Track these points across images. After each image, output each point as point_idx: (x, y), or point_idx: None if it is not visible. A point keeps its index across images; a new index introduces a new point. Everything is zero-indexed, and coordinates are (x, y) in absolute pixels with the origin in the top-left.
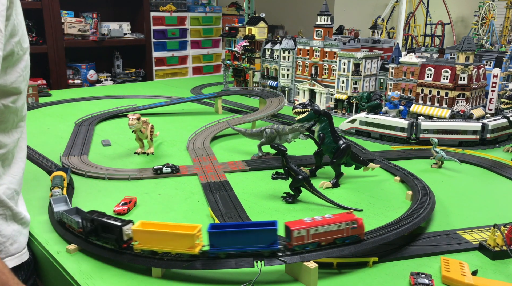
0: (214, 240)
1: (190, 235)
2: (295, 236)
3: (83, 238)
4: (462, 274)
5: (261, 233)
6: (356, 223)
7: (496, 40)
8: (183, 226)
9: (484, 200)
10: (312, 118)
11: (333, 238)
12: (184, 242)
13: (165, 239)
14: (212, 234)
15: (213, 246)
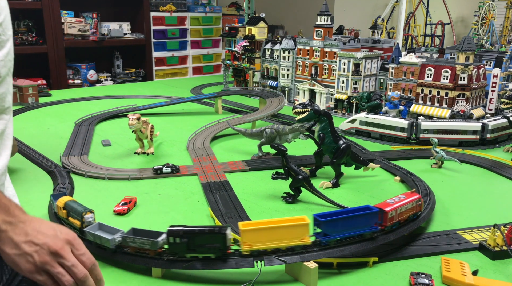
0: (326, 228)
1: (305, 224)
2: (389, 217)
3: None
4: (462, 274)
5: (366, 217)
6: (420, 200)
7: (496, 40)
8: (288, 219)
9: (484, 200)
10: (312, 118)
11: (408, 216)
12: (298, 233)
13: (277, 234)
14: (325, 223)
15: (325, 235)
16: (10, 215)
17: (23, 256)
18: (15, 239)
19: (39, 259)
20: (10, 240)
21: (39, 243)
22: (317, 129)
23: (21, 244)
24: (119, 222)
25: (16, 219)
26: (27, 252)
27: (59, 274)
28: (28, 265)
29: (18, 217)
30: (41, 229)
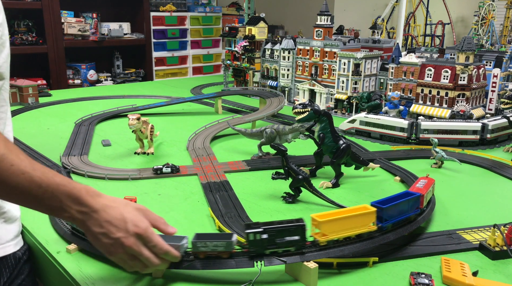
0: (386, 214)
1: (372, 212)
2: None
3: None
4: (463, 275)
5: (413, 201)
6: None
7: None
8: (356, 208)
9: (484, 200)
10: (312, 118)
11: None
12: (366, 221)
13: (348, 223)
14: (386, 210)
15: (385, 220)
16: (82, 205)
17: (101, 244)
18: (92, 229)
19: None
20: (88, 229)
21: (113, 238)
22: (317, 129)
23: (98, 235)
24: None
25: (88, 209)
26: (104, 243)
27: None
28: (105, 251)
29: (90, 207)
30: (113, 221)
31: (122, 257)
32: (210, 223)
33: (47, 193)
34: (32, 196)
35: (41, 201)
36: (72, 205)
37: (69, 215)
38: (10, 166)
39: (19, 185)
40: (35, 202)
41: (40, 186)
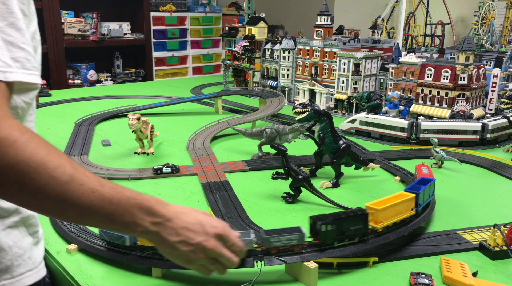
0: (420, 199)
1: (412, 198)
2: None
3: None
4: (463, 275)
5: (432, 186)
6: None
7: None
8: (396, 196)
9: (484, 200)
10: (312, 118)
11: None
12: (408, 206)
13: (396, 209)
14: (420, 194)
15: (419, 204)
16: (155, 216)
17: (180, 255)
18: (169, 239)
19: (195, 257)
20: (164, 240)
21: (192, 244)
22: (317, 129)
23: (175, 244)
24: None
25: (162, 219)
26: (184, 252)
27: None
28: (185, 261)
29: (163, 216)
30: (190, 227)
31: (203, 263)
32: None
33: (119, 209)
34: (104, 214)
35: (114, 218)
36: (145, 217)
37: (143, 229)
38: (79, 185)
39: (91, 204)
40: (107, 220)
41: (112, 202)
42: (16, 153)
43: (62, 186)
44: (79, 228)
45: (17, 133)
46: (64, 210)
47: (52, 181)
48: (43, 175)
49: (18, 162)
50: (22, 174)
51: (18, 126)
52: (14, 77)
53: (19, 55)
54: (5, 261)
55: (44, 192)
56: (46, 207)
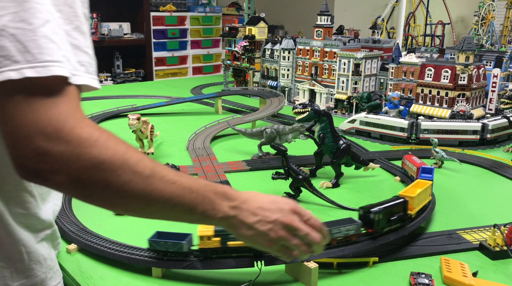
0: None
1: (431, 184)
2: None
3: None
4: (463, 275)
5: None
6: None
7: (496, 40)
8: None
9: (484, 200)
10: (312, 118)
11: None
12: (428, 193)
13: (423, 196)
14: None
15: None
16: (231, 199)
17: (260, 235)
18: (247, 221)
19: (276, 236)
20: (242, 223)
21: (271, 221)
22: (317, 129)
23: (254, 225)
24: (120, 222)
25: (238, 202)
26: (263, 231)
27: (297, 245)
28: (267, 242)
29: (238, 200)
30: (264, 206)
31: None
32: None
33: (199, 197)
34: (186, 203)
35: (195, 206)
36: (223, 202)
37: (223, 214)
38: (161, 178)
39: (174, 194)
40: (189, 210)
41: (192, 191)
42: (99, 152)
43: (146, 179)
44: (79, 228)
45: (97, 133)
46: (149, 204)
47: (136, 176)
48: (127, 171)
49: (103, 161)
50: (108, 172)
51: (95, 125)
52: (82, 80)
53: (83, 59)
54: (40, 274)
55: (129, 188)
56: (131, 204)
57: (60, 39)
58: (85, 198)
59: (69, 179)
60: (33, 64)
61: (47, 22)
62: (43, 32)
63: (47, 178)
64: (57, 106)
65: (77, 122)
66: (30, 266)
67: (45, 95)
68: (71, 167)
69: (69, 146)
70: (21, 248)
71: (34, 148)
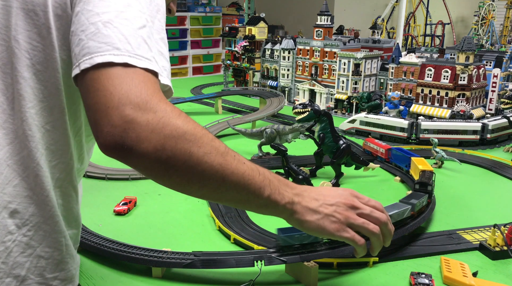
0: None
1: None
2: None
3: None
4: (463, 275)
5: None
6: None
7: (496, 40)
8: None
9: (484, 200)
10: (312, 118)
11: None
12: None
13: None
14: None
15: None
16: (292, 187)
17: (326, 218)
18: (311, 206)
19: (341, 216)
20: (306, 209)
21: (333, 203)
22: (317, 129)
23: (318, 208)
24: (120, 222)
25: (299, 190)
26: (328, 214)
27: (365, 224)
28: (333, 225)
29: (299, 188)
30: (324, 192)
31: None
32: (210, 223)
33: (265, 179)
34: (256, 184)
35: (263, 189)
36: (287, 189)
37: (288, 200)
38: (234, 156)
39: (245, 174)
40: (258, 191)
41: (259, 172)
42: (183, 123)
43: (222, 155)
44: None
45: (179, 110)
46: (224, 181)
47: (215, 150)
48: (207, 144)
49: (186, 131)
50: (191, 142)
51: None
52: (164, 81)
53: (165, 65)
54: (72, 269)
55: (209, 160)
56: (208, 178)
57: (152, 44)
58: (165, 172)
59: (154, 148)
60: (132, 54)
61: (144, 27)
62: (140, 33)
63: (133, 147)
64: (146, 84)
65: (162, 98)
66: (65, 259)
67: (137, 77)
68: (157, 135)
69: (157, 115)
70: (62, 239)
71: (123, 116)
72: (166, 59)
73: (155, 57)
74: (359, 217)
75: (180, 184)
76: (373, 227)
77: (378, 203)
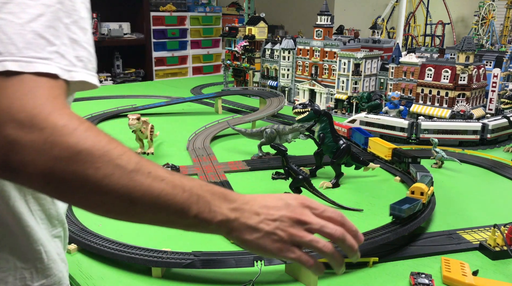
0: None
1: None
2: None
3: None
4: (463, 275)
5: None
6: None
7: (496, 40)
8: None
9: (484, 200)
10: (312, 118)
11: None
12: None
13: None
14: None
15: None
16: (230, 201)
17: (266, 236)
18: (249, 223)
19: (285, 234)
20: (245, 226)
21: (276, 218)
22: (317, 129)
23: (258, 225)
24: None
25: (238, 203)
26: (269, 231)
27: (313, 242)
28: (275, 245)
29: (239, 200)
30: (268, 203)
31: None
32: None
33: (192, 196)
34: (178, 204)
35: (188, 208)
36: (221, 204)
37: (222, 217)
38: (148, 173)
39: (163, 193)
40: (181, 212)
41: (184, 189)
42: (77, 141)
43: (129, 174)
44: (79, 228)
45: (77, 122)
46: (133, 204)
47: (119, 170)
48: (108, 164)
49: (80, 151)
50: (85, 164)
51: (76, 116)
52: (79, 76)
53: (82, 55)
54: (57, 272)
55: (110, 183)
56: (112, 202)
57: (56, 33)
58: (60, 196)
59: (42, 172)
60: (16, 58)
61: (40, 16)
62: (32, 27)
63: (18, 170)
64: (34, 93)
65: (54, 109)
66: (49, 265)
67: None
68: (43, 157)
69: (43, 133)
70: (40, 247)
71: (4, 136)
72: (82, 47)
73: (60, 50)
74: (308, 233)
75: (83, 207)
76: (323, 245)
77: (337, 213)
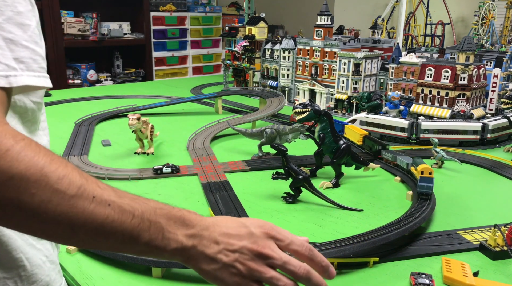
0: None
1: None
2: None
3: None
4: (463, 275)
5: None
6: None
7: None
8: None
9: (484, 200)
10: (312, 118)
11: None
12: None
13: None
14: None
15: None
16: (189, 226)
17: (224, 268)
18: (207, 252)
19: (244, 268)
20: (202, 255)
21: (236, 249)
22: (317, 129)
23: (216, 256)
24: None
25: (197, 229)
26: (228, 263)
27: (273, 279)
28: (233, 278)
29: (198, 226)
30: (230, 231)
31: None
32: None
33: (143, 222)
34: (126, 231)
35: (138, 235)
36: (177, 230)
37: (177, 245)
38: (92, 198)
39: (107, 219)
40: (130, 239)
41: (134, 215)
42: (9, 165)
43: (70, 200)
44: None
45: (11, 141)
46: (75, 231)
47: (57, 195)
48: (45, 189)
49: (12, 176)
50: (19, 189)
51: (12, 132)
52: (19, 81)
53: (23, 55)
54: (44, 277)
55: (48, 210)
56: (53, 230)
57: None
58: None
59: None
60: None
61: None
62: None
63: None
64: None
65: None
66: (33, 271)
67: None
68: None
69: None
70: (20, 255)
71: None
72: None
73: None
74: (269, 269)
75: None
76: (285, 283)
77: (304, 247)
